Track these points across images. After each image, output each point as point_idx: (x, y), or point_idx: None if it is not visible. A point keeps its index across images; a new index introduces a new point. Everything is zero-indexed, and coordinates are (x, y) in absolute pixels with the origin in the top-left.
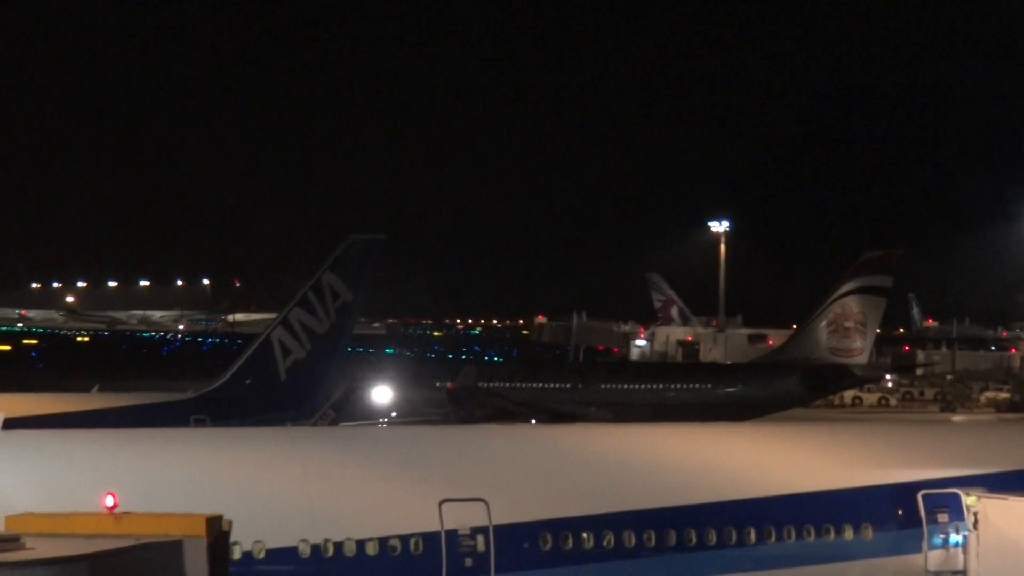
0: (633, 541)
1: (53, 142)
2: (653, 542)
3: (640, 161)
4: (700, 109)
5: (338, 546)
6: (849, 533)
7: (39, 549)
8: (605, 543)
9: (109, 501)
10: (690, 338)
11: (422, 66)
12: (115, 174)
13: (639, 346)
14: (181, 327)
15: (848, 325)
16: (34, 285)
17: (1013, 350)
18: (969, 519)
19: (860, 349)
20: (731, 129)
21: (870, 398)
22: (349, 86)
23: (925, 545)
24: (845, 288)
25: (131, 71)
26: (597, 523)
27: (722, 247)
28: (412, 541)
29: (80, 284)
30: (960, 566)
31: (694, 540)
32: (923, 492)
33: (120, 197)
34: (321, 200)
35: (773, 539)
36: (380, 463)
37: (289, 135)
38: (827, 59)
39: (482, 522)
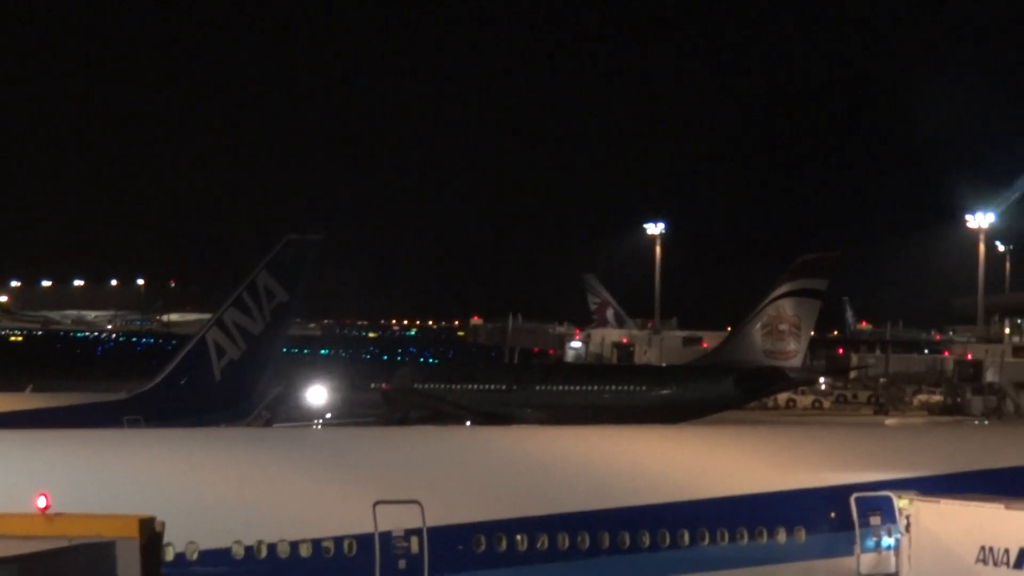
0: (567, 543)
1: None
2: (587, 545)
3: (576, 163)
4: (636, 110)
5: (271, 548)
6: (782, 536)
7: None
8: (539, 545)
9: (42, 502)
10: (625, 340)
11: (359, 64)
12: (49, 173)
13: (574, 348)
14: (110, 327)
15: (783, 328)
16: None
17: (946, 353)
18: (901, 522)
19: (794, 352)
20: (667, 131)
21: (804, 400)
22: (288, 85)
23: (858, 548)
24: (780, 291)
25: (72, 71)
26: (531, 525)
27: (658, 249)
28: (346, 543)
29: (13, 283)
30: (892, 569)
31: (628, 543)
32: (856, 495)
33: (54, 196)
34: (257, 200)
35: (707, 542)
36: (314, 464)
37: (225, 134)
38: (762, 61)
39: (416, 524)
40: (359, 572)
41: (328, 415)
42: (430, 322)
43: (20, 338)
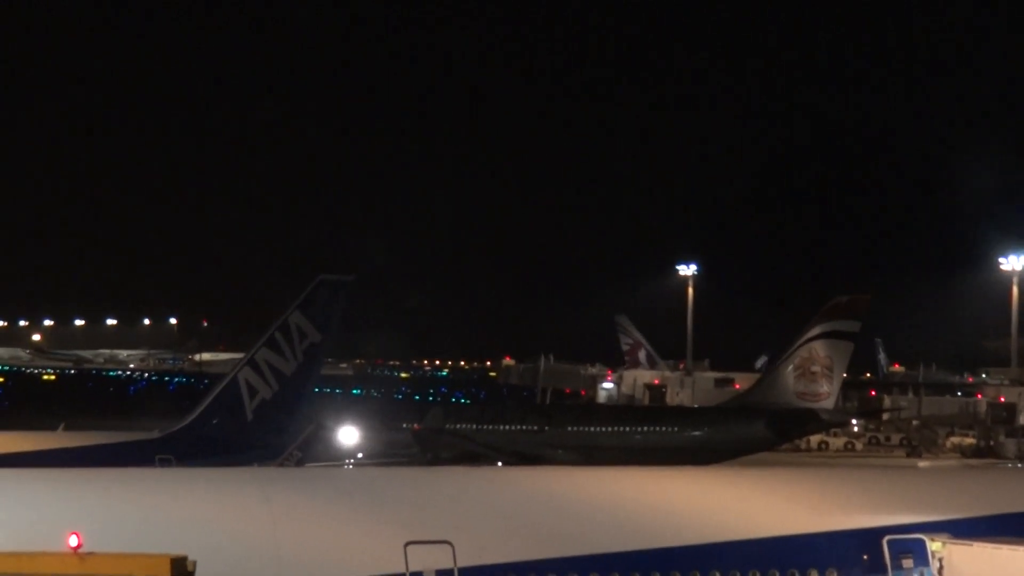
0: None
1: (16, 179)
2: None
3: (609, 204)
4: (669, 152)
5: None
6: None
7: None
8: None
9: (74, 541)
10: (657, 381)
11: (391, 108)
12: (82, 212)
13: (606, 389)
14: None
15: (815, 369)
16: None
17: (979, 396)
18: (934, 565)
19: (827, 393)
20: (700, 172)
21: (836, 442)
22: (319, 128)
23: None
24: (812, 332)
25: (99, 105)
26: (563, 566)
27: (690, 290)
28: None
29: (47, 322)
30: None
31: None
32: (888, 537)
33: (88, 235)
34: (290, 240)
35: None
36: (346, 504)
37: (259, 175)
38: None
39: (447, 564)
40: None
41: (360, 455)
42: (462, 362)
43: (53, 377)
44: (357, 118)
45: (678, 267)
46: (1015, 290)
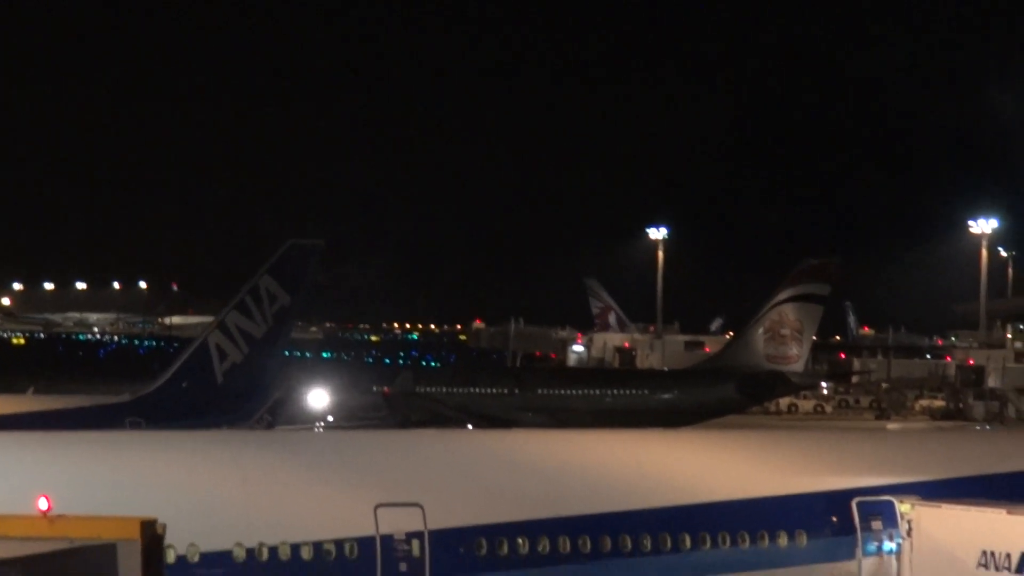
0: (568, 547)
1: None
2: (588, 548)
3: (580, 167)
4: (640, 115)
5: (273, 550)
6: (783, 540)
7: None
8: (540, 549)
9: (43, 504)
10: (627, 344)
11: (360, 68)
12: (51, 175)
13: (576, 352)
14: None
15: (784, 333)
16: None
17: (948, 358)
18: (903, 527)
19: (796, 356)
20: (670, 136)
21: (806, 405)
22: (291, 87)
23: (859, 552)
24: (782, 296)
25: (69, 69)
26: (533, 528)
27: (660, 254)
28: (347, 546)
29: (16, 286)
30: (894, 573)
31: (629, 546)
32: (857, 499)
33: (56, 199)
34: (260, 204)
35: (708, 546)
36: (316, 467)
37: (228, 138)
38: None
39: (417, 527)
40: (360, 575)
41: (329, 418)
42: (432, 326)
43: (22, 340)
44: (327, 83)
45: (648, 230)
46: (984, 253)
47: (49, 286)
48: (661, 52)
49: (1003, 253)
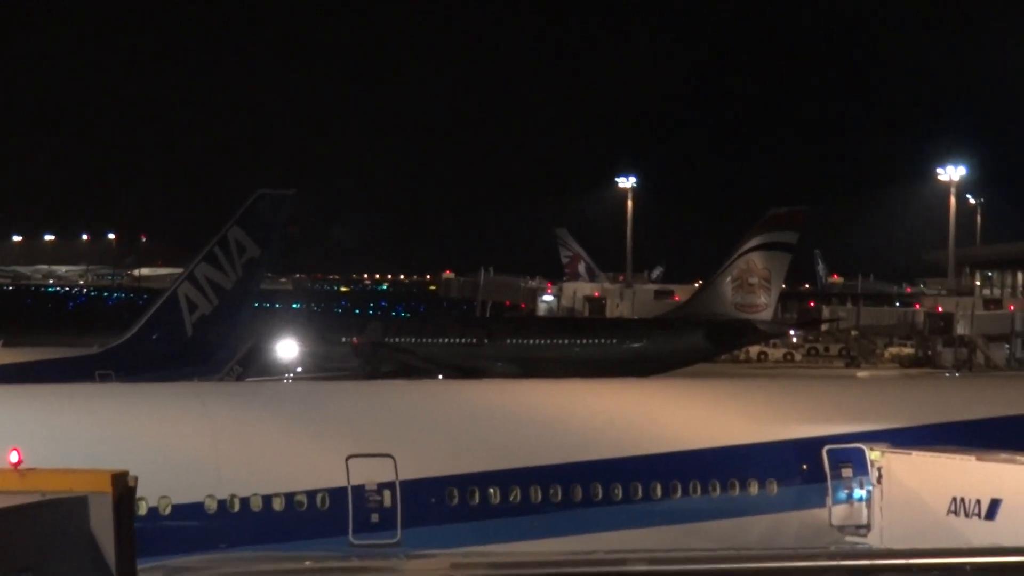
0: (540, 496)
1: None
2: (559, 497)
3: (549, 116)
4: (608, 63)
5: (244, 501)
6: (754, 488)
7: None
8: (512, 498)
9: (13, 457)
10: (597, 294)
11: (334, 21)
12: (20, 127)
13: (546, 302)
14: (81, 281)
15: (753, 281)
16: None
17: (917, 306)
18: (873, 474)
19: (764, 305)
20: (639, 84)
21: (775, 353)
22: (260, 39)
23: (829, 500)
24: (750, 244)
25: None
26: (504, 478)
27: (629, 203)
28: (319, 496)
29: None
30: (864, 520)
31: (600, 495)
32: (828, 447)
33: (25, 150)
34: (229, 154)
35: (678, 494)
36: (287, 418)
37: (198, 87)
38: (735, 11)
39: (389, 477)
40: (332, 526)
41: (299, 369)
42: (402, 276)
43: None
44: (300, 31)
45: (617, 179)
46: (952, 200)
47: (17, 238)
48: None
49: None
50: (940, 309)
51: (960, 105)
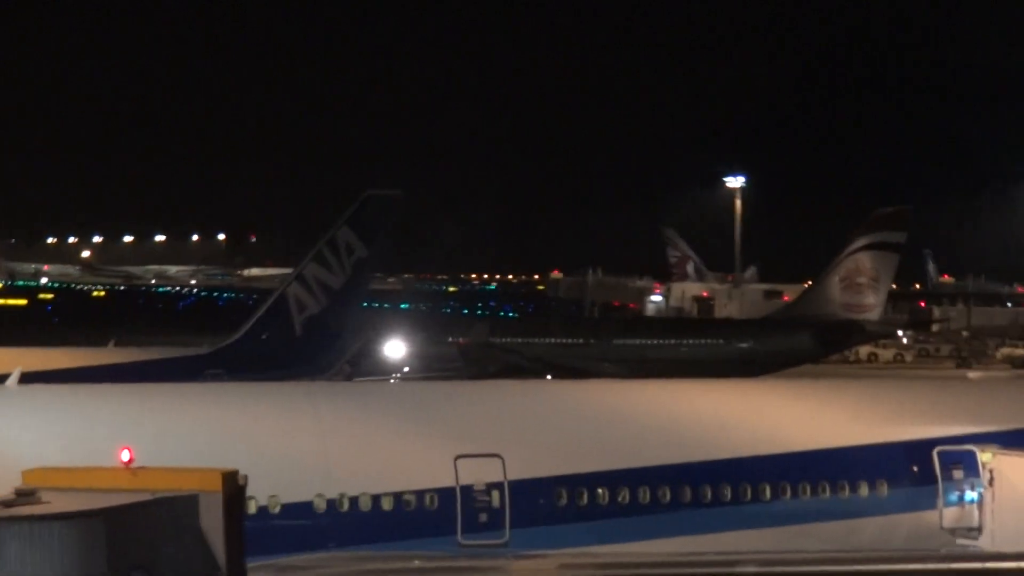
0: (648, 497)
1: (67, 99)
2: (668, 498)
3: (657, 115)
4: (717, 61)
5: (353, 501)
6: (864, 490)
7: (55, 503)
8: (620, 499)
9: (125, 456)
10: (705, 294)
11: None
12: (131, 129)
13: (654, 302)
14: (192, 281)
15: (861, 281)
16: (50, 240)
17: None
18: (984, 476)
19: (872, 305)
20: (748, 83)
21: (885, 354)
22: (365, 41)
23: (940, 502)
24: (858, 244)
25: (148, 27)
26: (612, 479)
27: (737, 202)
28: (427, 496)
29: (96, 239)
30: (975, 523)
31: (709, 496)
32: (938, 449)
33: (136, 152)
34: (338, 155)
35: (788, 495)
36: (395, 418)
37: (306, 90)
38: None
39: (497, 477)
40: (441, 525)
41: (406, 369)
42: (510, 276)
43: (102, 293)
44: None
45: (725, 179)
46: None
47: (129, 238)
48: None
49: None
50: None
51: None
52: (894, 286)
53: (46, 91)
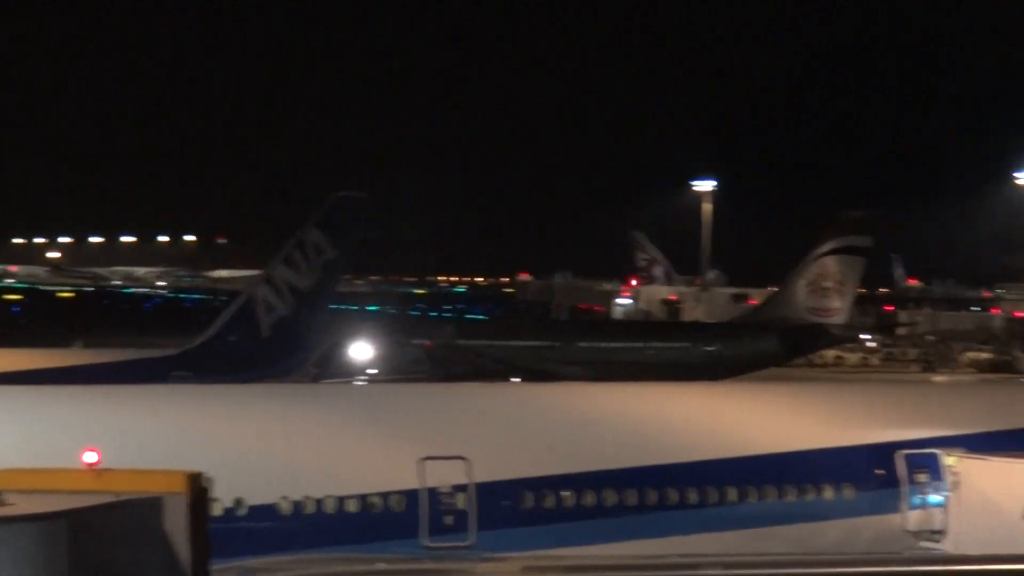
0: (614, 500)
1: (33, 99)
2: (633, 501)
3: (625, 119)
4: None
5: (319, 503)
6: (828, 493)
7: (19, 505)
8: (586, 502)
9: (90, 457)
10: (673, 297)
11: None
12: (99, 129)
13: (622, 305)
14: (159, 283)
15: (827, 285)
16: (16, 240)
17: (995, 311)
18: (949, 479)
19: (838, 309)
20: (716, 86)
21: (851, 358)
22: (332, 41)
23: (904, 505)
24: (824, 248)
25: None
26: (578, 482)
27: (706, 206)
28: (393, 498)
29: (63, 240)
30: (939, 526)
31: (674, 499)
32: (903, 452)
33: (104, 153)
34: (307, 157)
35: (753, 498)
36: (361, 420)
37: (273, 91)
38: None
39: (463, 480)
40: (406, 528)
41: (373, 371)
42: (479, 278)
43: (70, 294)
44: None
45: (694, 183)
46: None
47: (96, 240)
48: (708, 2)
49: None
50: (1019, 314)
51: None
52: (862, 290)
53: (14, 92)
